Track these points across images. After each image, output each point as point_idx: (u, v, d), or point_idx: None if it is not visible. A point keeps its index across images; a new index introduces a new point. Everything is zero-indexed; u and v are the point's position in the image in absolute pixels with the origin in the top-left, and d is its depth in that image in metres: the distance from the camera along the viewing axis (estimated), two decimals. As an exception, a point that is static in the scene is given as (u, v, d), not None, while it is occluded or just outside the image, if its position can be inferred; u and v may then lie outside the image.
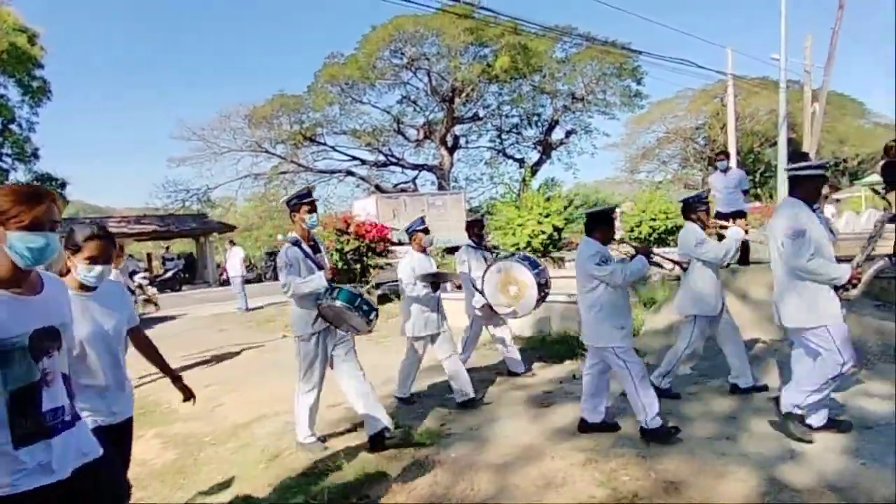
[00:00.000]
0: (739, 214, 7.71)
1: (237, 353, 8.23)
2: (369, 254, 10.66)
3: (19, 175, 28.64)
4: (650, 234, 16.28)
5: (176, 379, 2.89)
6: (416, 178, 34.57)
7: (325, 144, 32.32)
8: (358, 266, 10.56)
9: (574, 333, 6.87)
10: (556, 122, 33.65)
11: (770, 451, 3.41)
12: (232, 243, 16.21)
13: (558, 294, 7.59)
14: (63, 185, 29.77)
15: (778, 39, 18.40)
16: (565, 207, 13.07)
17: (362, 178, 33.60)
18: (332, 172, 33.19)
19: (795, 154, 12.18)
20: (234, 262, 13.92)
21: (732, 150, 21.59)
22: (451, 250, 17.46)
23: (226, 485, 3.63)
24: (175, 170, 36.23)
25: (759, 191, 30.06)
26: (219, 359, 7.98)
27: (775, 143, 23.54)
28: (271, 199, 31.52)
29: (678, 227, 16.28)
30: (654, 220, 16.15)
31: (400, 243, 15.35)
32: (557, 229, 12.64)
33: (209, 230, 25.80)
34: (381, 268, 11.33)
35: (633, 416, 4.15)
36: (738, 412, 4.14)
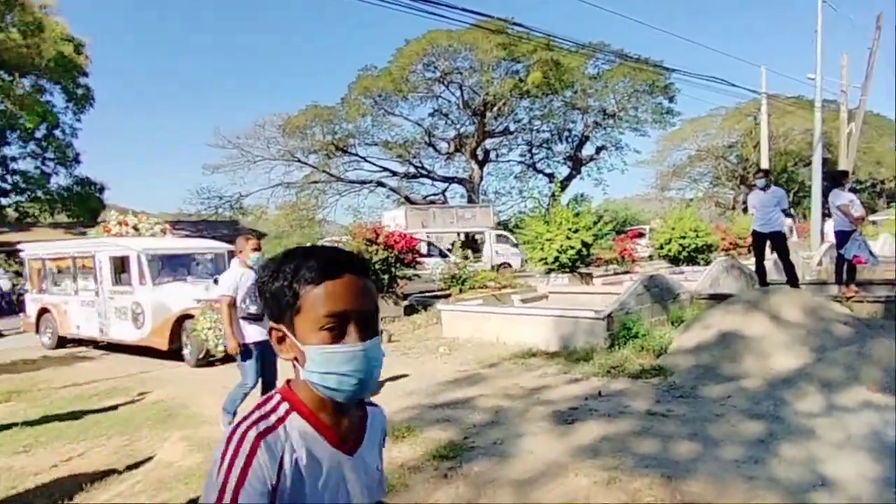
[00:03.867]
0: (776, 235, 7.55)
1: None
2: (397, 264, 10.75)
3: (61, 178, 29.81)
4: (679, 252, 16.06)
5: None
6: (445, 190, 34.85)
7: (356, 155, 32.84)
8: (386, 276, 10.66)
9: (600, 350, 6.82)
10: (587, 138, 33.60)
11: (801, 477, 3.33)
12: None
13: (584, 310, 7.55)
14: (101, 189, 30.86)
15: (814, 58, 18.10)
16: (594, 223, 12.98)
17: (392, 189, 33.99)
18: (363, 183, 33.67)
19: (831, 175, 11.84)
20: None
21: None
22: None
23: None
24: (209, 177, 37.22)
25: (792, 210, 29.37)
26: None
27: (809, 163, 23.02)
28: (302, 208, 32.08)
29: (708, 246, 16.08)
30: (683, 237, 15.93)
31: (428, 255, 15.47)
32: (586, 245, 12.55)
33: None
34: (409, 279, 11.42)
35: (657, 437, 4.11)
36: (768, 436, 4.04)
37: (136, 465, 4.26)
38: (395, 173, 34.05)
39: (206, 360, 7.62)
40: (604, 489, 3.31)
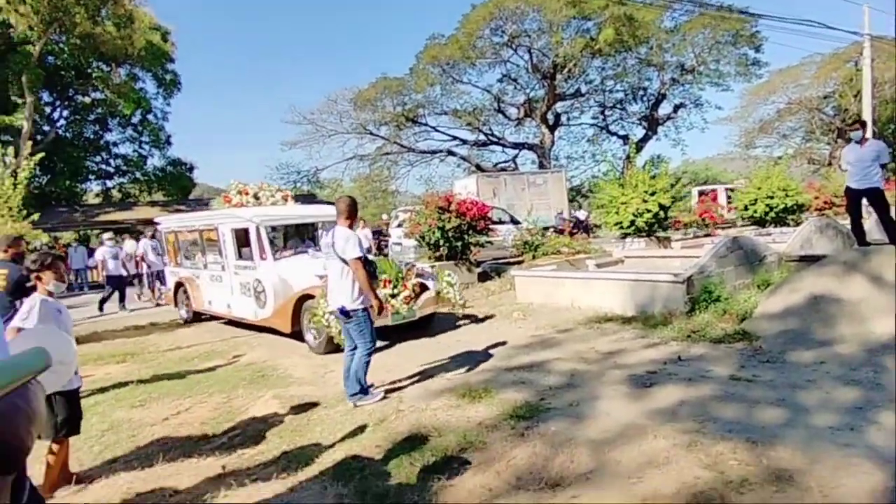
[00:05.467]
0: (875, 192, 6.93)
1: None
2: (470, 232, 10.82)
3: (155, 160, 32.04)
4: (766, 213, 15.11)
5: None
6: (516, 156, 34.41)
7: (426, 125, 32.99)
8: (459, 244, 10.77)
9: (679, 314, 6.62)
10: (664, 96, 31.86)
11: (903, 446, 3.13)
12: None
13: (662, 274, 7.33)
14: (191, 168, 32.91)
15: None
16: (672, 185, 12.45)
17: (463, 158, 33.96)
18: (434, 153, 33.84)
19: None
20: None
21: (868, 119, 19.26)
22: (558, 230, 17.27)
23: (335, 444, 3.92)
24: (287, 153, 38.70)
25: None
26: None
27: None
28: (375, 180, 32.74)
29: (799, 206, 14.99)
30: (770, 197, 14.95)
31: (500, 222, 15.41)
32: (663, 207, 12.09)
33: (318, 210, 27.28)
34: (482, 245, 11.47)
35: (741, 402, 3.98)
36: (866, 403, 3.81)
37: (234, 420, 4.65)
38: (464, 142, 33.94)
39: (334, 347, 6.40)
40: (684, 451, 3.27)
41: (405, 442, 3.80)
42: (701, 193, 23.83)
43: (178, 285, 10.01)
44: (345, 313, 4.63)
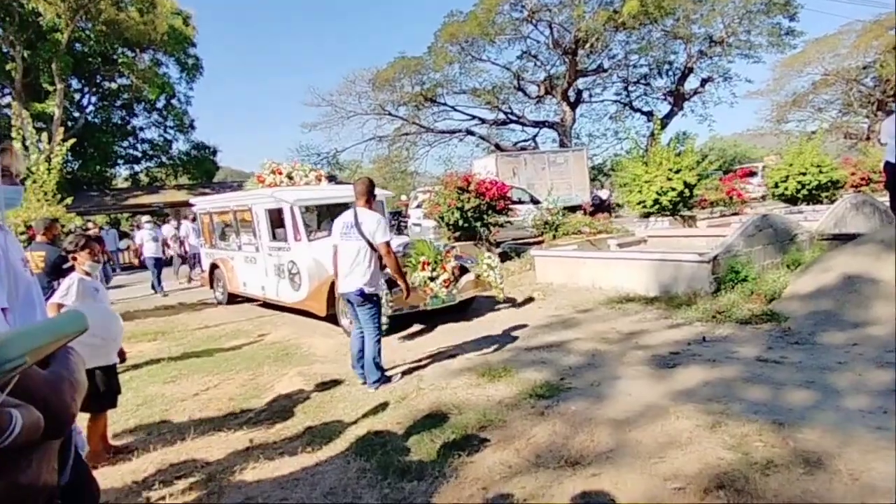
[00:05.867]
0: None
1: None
2: (489, 212, 10.75)
3: (180, 144, 32.53)
4: (798, 191, 14.68)
5: None
6: (536, 135, 33.96)
7: (445, 105, 32.69)
8: (478, 224, 10.72)
9: (704, 294, 6.50)
10: (690, 70, 30.92)
11: (939, 429, 3.04)
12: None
13: (687, 253, 7.19)
14: (214, 152, 33.33)
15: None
16: (698, 163, 12.14)
17: (482, 138, 33.66)
18: (453, 132, 33.60)
19: None
20: None
21: (911, 90, 18.48)
22: (573, 209, 17.08)
23: (358, 420, 3.99)
24: (307, 135, 38.85)
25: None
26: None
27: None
28: (394, 161, 32.73)
29: (834, 183, 14.50)
30: (803, 174, 14.49)
31: (520, 202, 15.29)
32: (689, 186, 11.83)
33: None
34: (501, 226, 11.41)
35: (768, 383, 3.91)
36: (900, 386, 3.70)
37: (260, 396, 4.75)
38: (484, 121, 33.58)
39: None
40: (707, 432, 3.23)
41: (426, 419, 3.84)
42: (726, 171, 23.23)
43: (213, 267, 9.93)
44: (363, 296, 4.57)
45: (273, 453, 3.53)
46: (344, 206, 8.60)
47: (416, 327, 6.80)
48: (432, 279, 6.53)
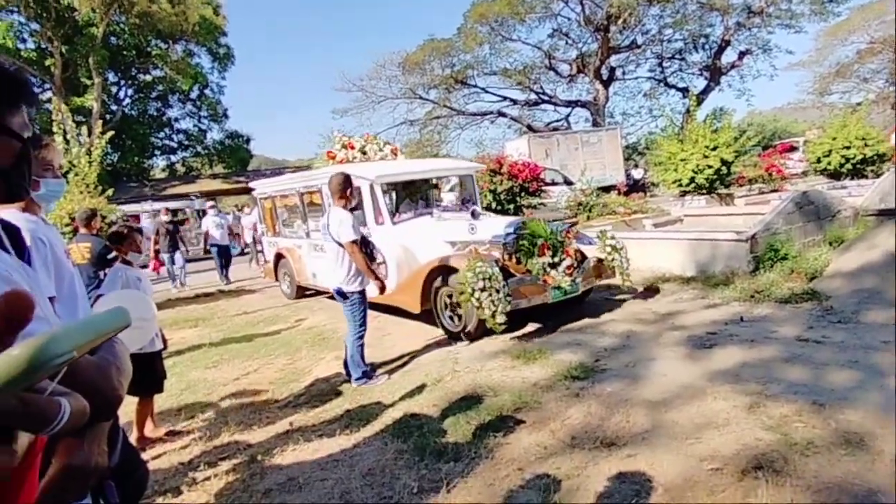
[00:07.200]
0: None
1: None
2: (522, 194, 10.70)
3: (214, 134, 33.17)
4: (842, 165, 14.11)
5: None
6: (568, 115, 33.38)
7: (475, 86, 32.36)
8: (511, 206, 10.69)
9: (742, 274, 6.37)
10: (728, 43, 29.74)
11: None
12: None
13: (725, 232, 7.05)
14: (248, 140, 33.90)
15: None
16: (736, 139, 11.79)
17: (514, 119, 33.26)
18: (484, 114, 33.29)
19: None
20: None
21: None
22: (607, 189, 16.82)
23: (395, 403, 4.08)
24: (339, 120, 38.87)
25: None
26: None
27: None
28: (426, 145, 32.70)
29: (880, 156, 13.89)
30: (847, 147, 13.90)
31: (553, 183, 15.13)
32: (726, 163, 11.52)
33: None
34: (534, 207, 11.35)
35: (808, 364, 3.83)
36: (949, 366, 3.59)
37: (299, 380, 4.90)
38: (515, 102, 33.16)
39: (483, 332, 5.28)
40: (745, 413, 3.20)
41: (461, 401, 3.90)
42: (765, 147, 22.42)
43: (279, 257, 8.91)
44: (341, 294, 4.59)
45: (312, 435, 3.65)
46: (425, 183, 7.81)
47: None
48: (553, 266, 5.45)
